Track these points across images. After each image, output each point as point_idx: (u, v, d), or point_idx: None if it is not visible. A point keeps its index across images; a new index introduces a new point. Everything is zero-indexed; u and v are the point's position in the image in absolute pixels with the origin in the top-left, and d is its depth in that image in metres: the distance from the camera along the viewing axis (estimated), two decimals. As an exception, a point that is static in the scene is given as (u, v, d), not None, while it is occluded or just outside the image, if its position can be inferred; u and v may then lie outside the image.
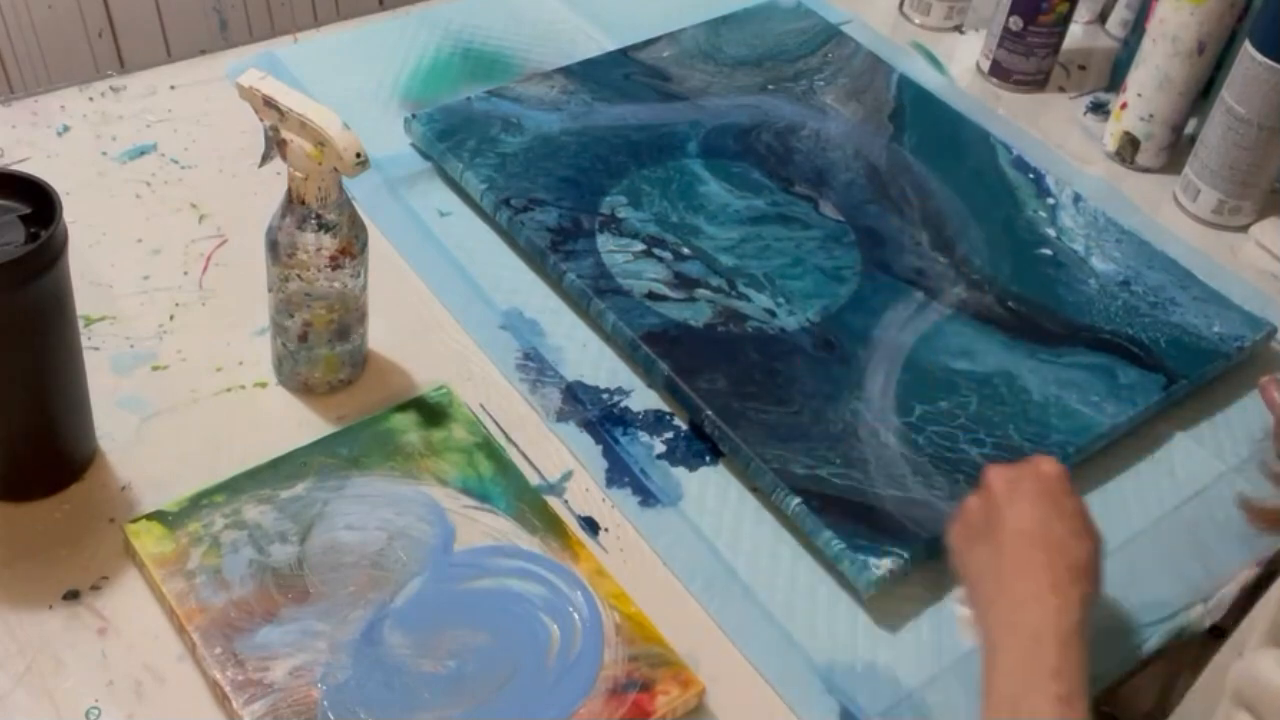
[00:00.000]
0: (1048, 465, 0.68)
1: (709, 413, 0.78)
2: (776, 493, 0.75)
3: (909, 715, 0.68)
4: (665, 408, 0.81)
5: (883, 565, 0.71)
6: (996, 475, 0.68)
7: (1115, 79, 1.14)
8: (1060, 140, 1.09)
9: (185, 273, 0.85)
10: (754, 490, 0.77)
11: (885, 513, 0.74)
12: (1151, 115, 1.04)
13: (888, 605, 0.72)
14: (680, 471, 0.78)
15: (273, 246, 0.72)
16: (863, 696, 0.68)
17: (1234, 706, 0.44)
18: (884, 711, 0.68)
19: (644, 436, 0.79)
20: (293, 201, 0.70)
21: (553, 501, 0.74)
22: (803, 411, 0.79)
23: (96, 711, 0.62)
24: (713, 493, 0.77)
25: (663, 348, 0.81)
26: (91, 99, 0.97)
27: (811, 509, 0.73)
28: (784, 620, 0.71)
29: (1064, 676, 0.58)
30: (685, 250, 0.89)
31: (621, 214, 0.91)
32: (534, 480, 0.75)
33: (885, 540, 0.72)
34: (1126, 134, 1.06)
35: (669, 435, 0.79)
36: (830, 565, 0.73)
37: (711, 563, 0.73)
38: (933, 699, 0.69)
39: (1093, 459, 0.81)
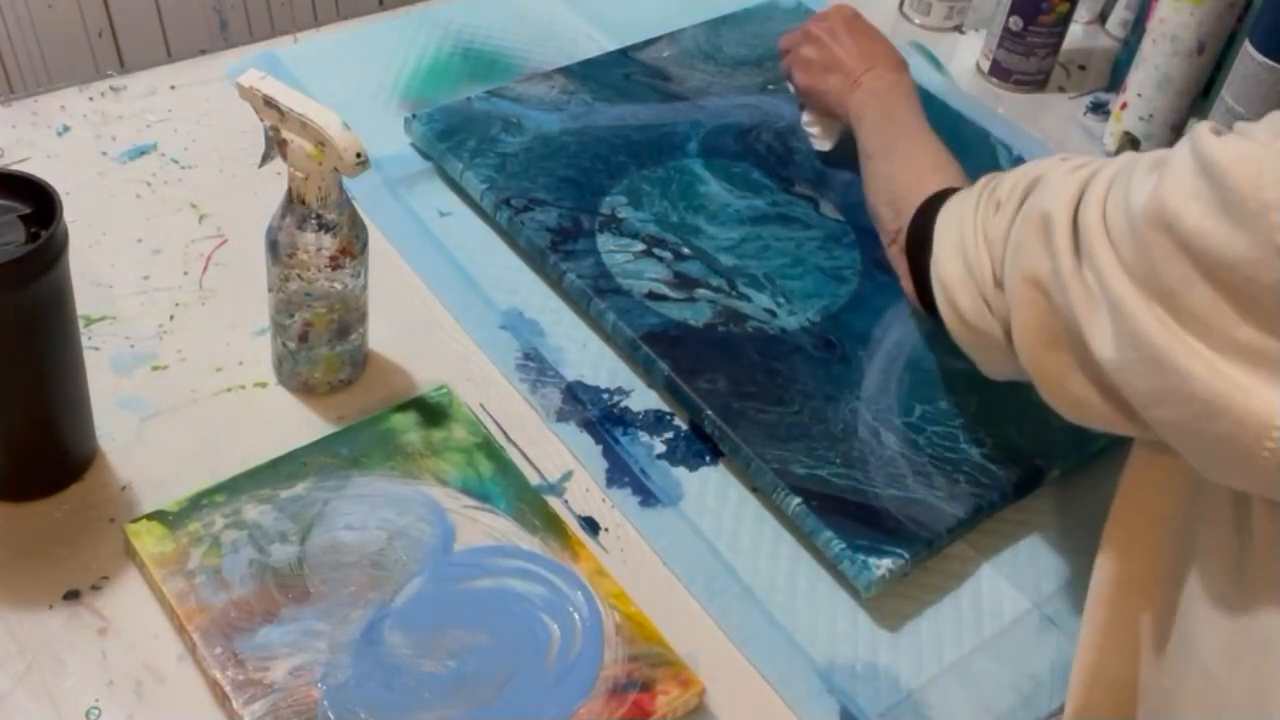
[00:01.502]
0: (846, 9, 0.96)
1: (709, 413, 0.78)
2: (776, 493, 0.75)
3: (909, 715, 0.68)
4: (665, 408, 0.81)
5: (883, 565, 0.71)
6: (815, 24, 0.95)
7: (1115, 79, 1.14)
8: (1060, 140, 1.09)
9: (185, 273, 0.85)
10: (754, 490, 0.77)
11: (885, 513, 0.74)
12: (1151, 115, 1.04)
13: (888, 605, 0.72)
14: (680, 471, 0.78)
15: (273, 246, 0.72)
16: (863, 696, 0.68)
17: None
18: (884, 711, 0.68)
19: (644, 436, 0.79)
20: (293, 201, 0.70)
21: (553, 501, 0.74)
22: (803, 411, 0.79)
23: (96, 711, 0.62)
24: (713, 493, 0.77)
25: (663, 348, 0.81)
26: (91, 99, 0.97)
27: (811, 509, 0.73)
28: (784, 620, 0.71)
29: (915, 100, 0.89)
30: (685, 250, 0.89)
31: (622, 214, 0.91)
32: (534, 480, 0.75)
33: (885, 540, 0.72)
34: (1126, 134, 1.06)
35: (669, 435, 0.79)
36: (830, 565, 0.73)
37: (711, 563, 0.73)
38: (933, 699, 0.69)
39: (1093, 459, 0.81)
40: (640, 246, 0.89)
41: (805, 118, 0.99)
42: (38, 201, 0.63)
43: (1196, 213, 0.51)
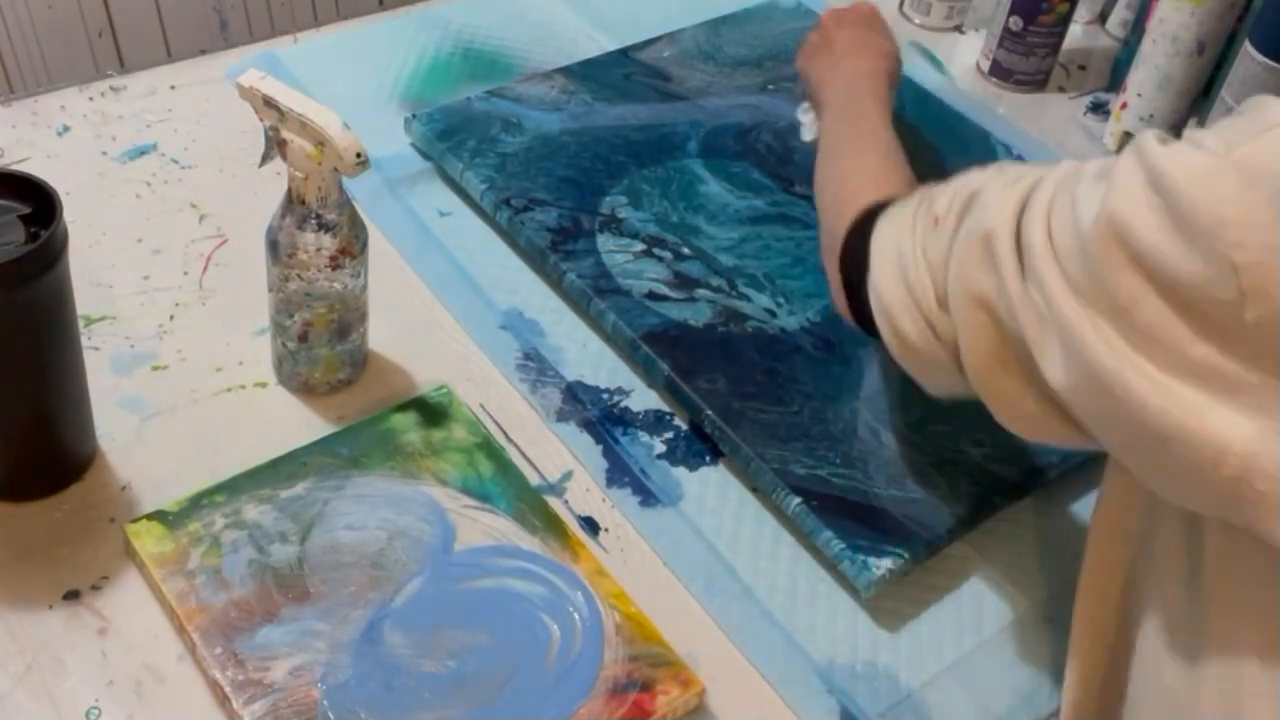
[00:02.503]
0: (865, 5, 0.98)
1: (709, 413, 0.78)
2: (776, 493, 0.75)
3: (909, 715, 0.68)
4: (665, 408, 0.81)
5: (883, 565, 0.71)
6: (828, 14, 0.98)
7: (1115, 79, 1.14)
8: (1060, 140, 1.09)
9: (185, 273, 0.85)
10: (754, 490, 0.77)
11: (885, 513, 0.74)
12: (1152, 115, 1.04)
13: (888, 605, 0.72)
14: (680, 471, 0.78)
15: (273, 246, 0.72)
16: (863, 696, 0.68)
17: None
18: (884, 711, 0.68)
19: (644, 436, 0.79)
20: (293, 201, 0.70)
21: (553, 501, 0.74)
22: (803, 411, 0.79)
23: (96, 711, 0.62)
24: (713, 493, 0.77)
25: (663, 348, 0.81)
26: (91, 99, 0.97)
27: (811, 509, 0.73)
28: (784, 620, 0.71)
29: (883, 93, 0.88)
30: (685, 250, 0.89)
31: (621, 214, 0.91)
32: (534, 480, 0.75)
33: (885, 540, 0.72)
34: (1126, 134, 1.06)
35: (669, 435, 0.79)
36: (830, 565, 0.73)
37: (711, 563, 0.73)
38: (933, 699, 0.69)
39: (1095, 459, 0.81)
40: (640, 246, 0.89)
41: (803, 106, 1.02)
42: (38, 201, 0.63)
43: (1150, 226, 0.50)
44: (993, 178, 0.63)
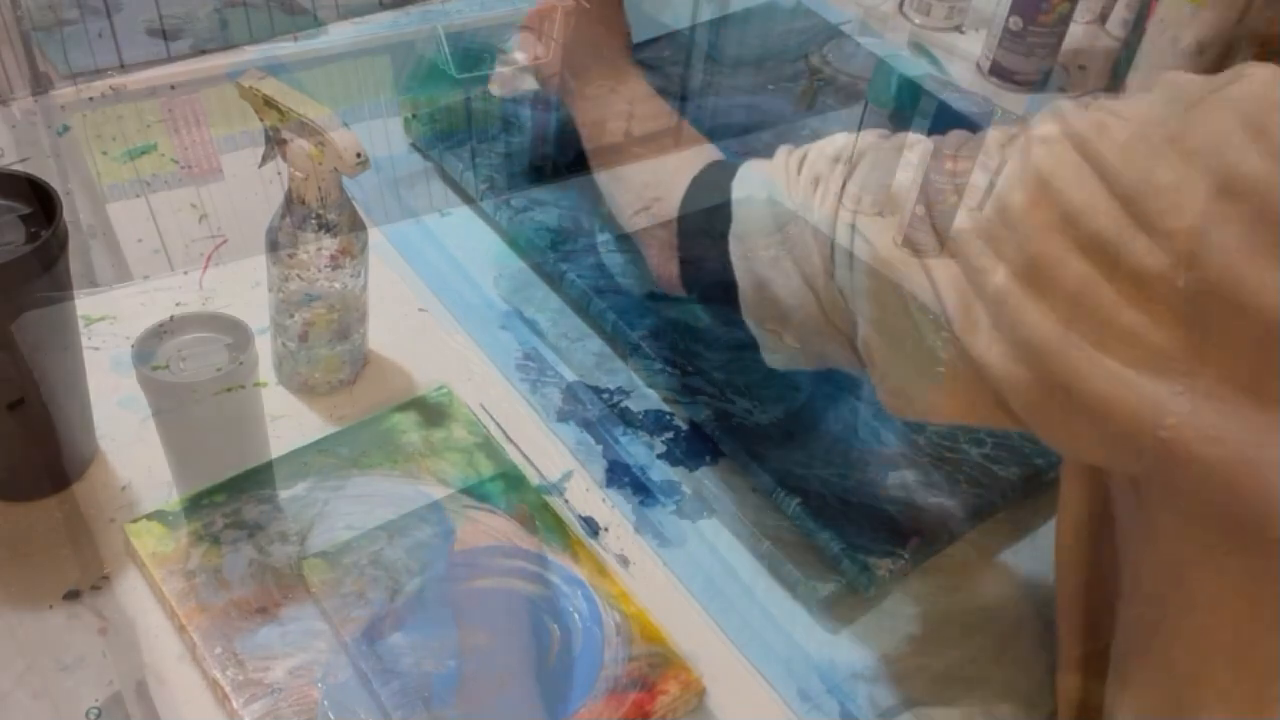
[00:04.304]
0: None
1: (709, 413, 0.78)
2: (776, 493, 0.75)
3: (909, 716, 0.68)
4: (665, 408, 0.81)
5: (883, 565, 0.71)
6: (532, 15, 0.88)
7: (1115, 79, 1.14)
8: (1060, 140, 1.09)
9: (185, 273, 0.85)
10: (754, 490, 0.77)
11: (885, 513, 0.74)
12: (1151, 115, 1.04)
13: (887, 605, 0.72)
14: (680, 471, 0.78)
15: (273, 246, 0.72)
16: (863, 697, 0.68)
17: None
18: (884, 712, 0.68)
19: (644, 436, 0.79)
20: (293, 201, 0.70)
21: (553, 501, 0.74)
22: (803, 411, 0.79)
23: (96, 711, 0.62)
24: (713, 493, 0.77)
25: (662, 347, 0.81)
26: (91, 99, 0.97)
27: (811, 509, 0.73)
28: (784, 620, 0.71)
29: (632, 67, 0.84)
30: (685, 250, 0.89)
31: (621, 214, 0.91)
32: (534, 480, 0.75)
33: (885, 540, 0.72)
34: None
35: (669, 435, 0.79)
36: (831, 565, 0.73)
37: (711, 563, 0.73)
38: (933, 699, 0.69)
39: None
40: (640, 246, 0.89)
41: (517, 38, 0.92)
42: (38, 201, 0.63)
43: (1077, 187, 0.49)
44: (876, 143, 0.61)
